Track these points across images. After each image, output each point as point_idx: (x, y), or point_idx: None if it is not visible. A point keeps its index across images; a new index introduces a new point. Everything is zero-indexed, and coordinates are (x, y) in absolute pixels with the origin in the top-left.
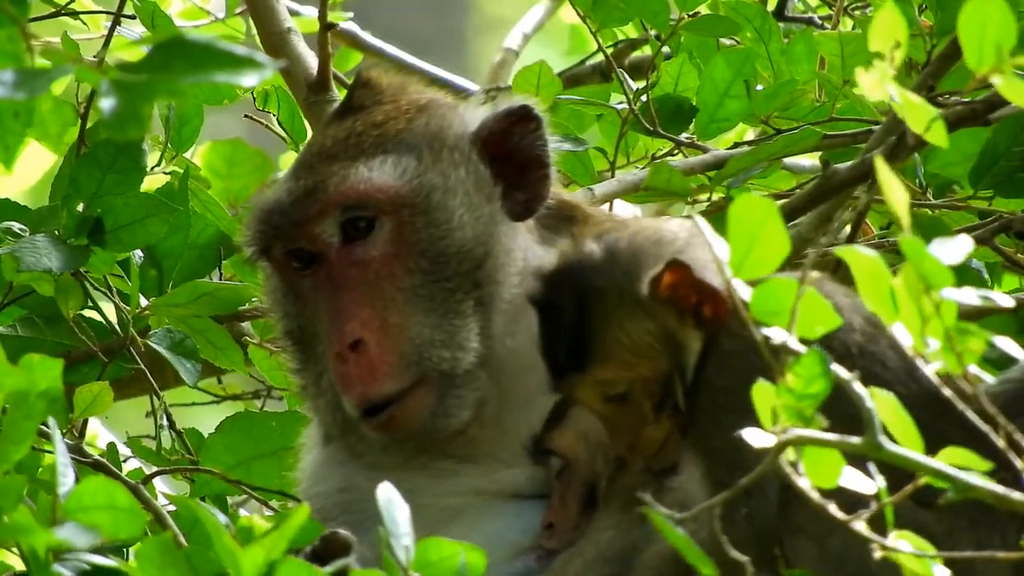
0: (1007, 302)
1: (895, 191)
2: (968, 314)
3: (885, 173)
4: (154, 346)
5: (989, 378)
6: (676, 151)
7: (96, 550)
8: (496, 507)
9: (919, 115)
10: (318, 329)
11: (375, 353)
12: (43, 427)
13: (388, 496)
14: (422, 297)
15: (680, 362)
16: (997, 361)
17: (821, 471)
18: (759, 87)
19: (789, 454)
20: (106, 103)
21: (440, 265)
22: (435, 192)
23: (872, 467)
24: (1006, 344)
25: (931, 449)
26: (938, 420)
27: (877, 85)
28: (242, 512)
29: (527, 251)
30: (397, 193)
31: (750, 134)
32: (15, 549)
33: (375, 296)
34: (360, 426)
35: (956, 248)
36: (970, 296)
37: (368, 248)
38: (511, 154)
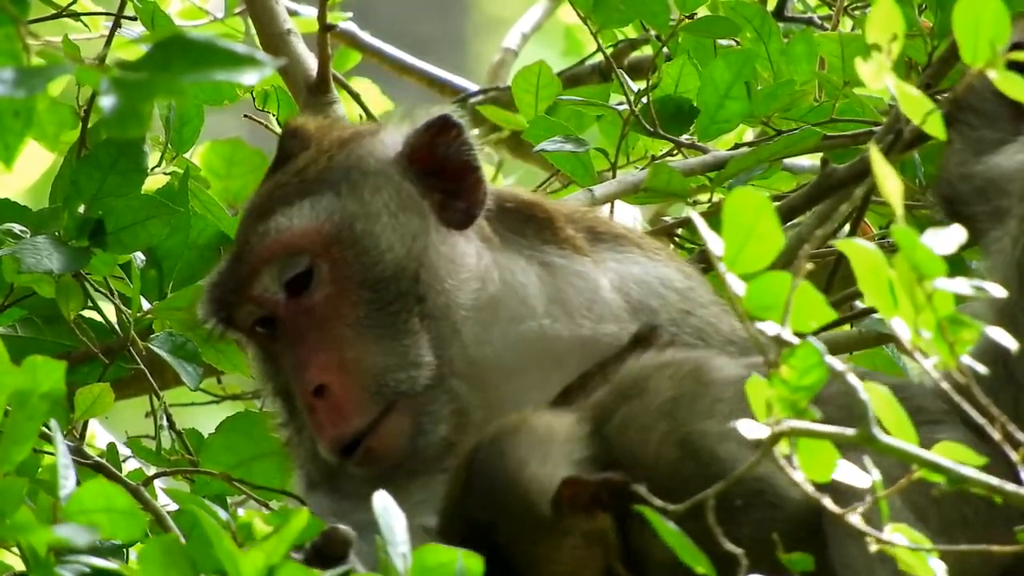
0: (1000, 292)
1: (889, 181)
2: None
3: (880, 163)
4: (156, 350)
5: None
6: (676, 152)
7: (96, 552)
8: None
9: (916, 107)
10: (291, 385)
11: (339, 394)
12: (44, 428)
13: (384, 505)
14: (370, 326)
15: (607, 544)
16: None
17: (816, 464)
18: (759, 88)
19: (783, 448)
20: (106, 101)
21: (380, 292)
22: (356, 221)
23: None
24: (999, 335)
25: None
26: None
27: (875, 75)
28: (240, 512)
29: (480, 257)
30: (319, 233)
31: (750, 135)
32: (15, 549)
33: (327, 339)
34: (344, 468)
35: (948, 238)
36: (962, 286)
37: (312, 294)
38: (443, 165)
